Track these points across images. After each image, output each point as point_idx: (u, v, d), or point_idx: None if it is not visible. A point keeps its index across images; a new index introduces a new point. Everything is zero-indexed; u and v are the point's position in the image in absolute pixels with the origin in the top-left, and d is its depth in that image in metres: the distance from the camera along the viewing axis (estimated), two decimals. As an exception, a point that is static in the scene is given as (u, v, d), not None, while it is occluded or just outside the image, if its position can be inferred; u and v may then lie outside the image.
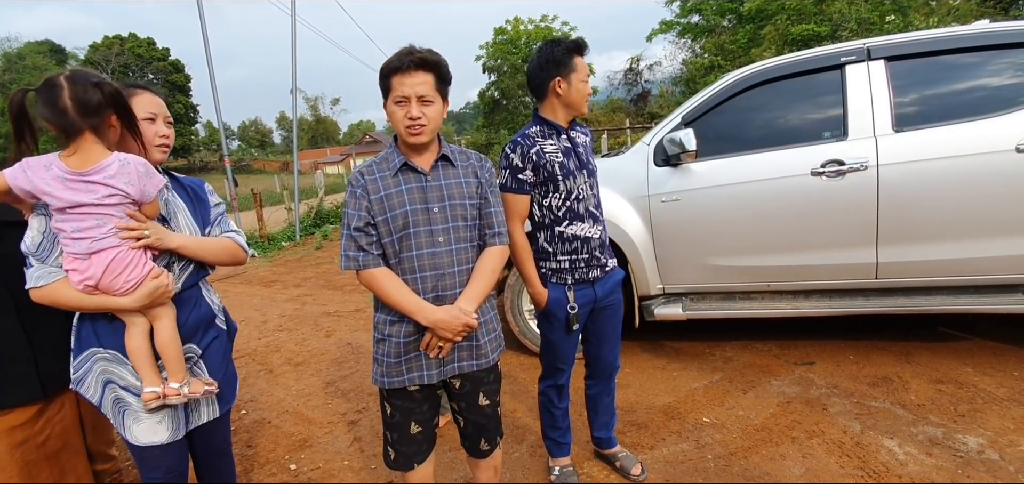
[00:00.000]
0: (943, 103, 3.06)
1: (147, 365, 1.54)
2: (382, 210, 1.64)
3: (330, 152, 61.04)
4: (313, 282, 7.42)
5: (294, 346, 4.68)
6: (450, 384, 1.80)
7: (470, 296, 1.67)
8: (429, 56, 1.62)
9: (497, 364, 1.86)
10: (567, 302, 2.18)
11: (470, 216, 1.71)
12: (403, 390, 1.74)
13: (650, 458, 2.61)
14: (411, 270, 1.65)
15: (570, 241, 2.16)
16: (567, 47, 2.10)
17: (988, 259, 2.95)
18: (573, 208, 2.14)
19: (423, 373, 1.71)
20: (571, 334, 2.23)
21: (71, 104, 1.38)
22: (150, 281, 1.50)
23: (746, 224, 3.24)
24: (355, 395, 3.58)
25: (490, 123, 29.45)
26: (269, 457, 2.90)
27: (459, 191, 1.70)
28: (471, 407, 1.84)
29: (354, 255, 1.65)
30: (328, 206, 13.92)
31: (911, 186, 2.96)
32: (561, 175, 2.10)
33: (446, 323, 1.62)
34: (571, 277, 2.19)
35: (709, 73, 17.19)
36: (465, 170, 1.74)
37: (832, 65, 3.20)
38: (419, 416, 1.79)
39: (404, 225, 1.63)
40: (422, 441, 1.83)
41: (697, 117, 3.39)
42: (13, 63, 37.47)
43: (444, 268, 1.66)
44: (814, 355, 3.53)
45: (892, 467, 2.38)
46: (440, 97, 1.65)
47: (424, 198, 1.66)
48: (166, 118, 1.68)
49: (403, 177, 1.67)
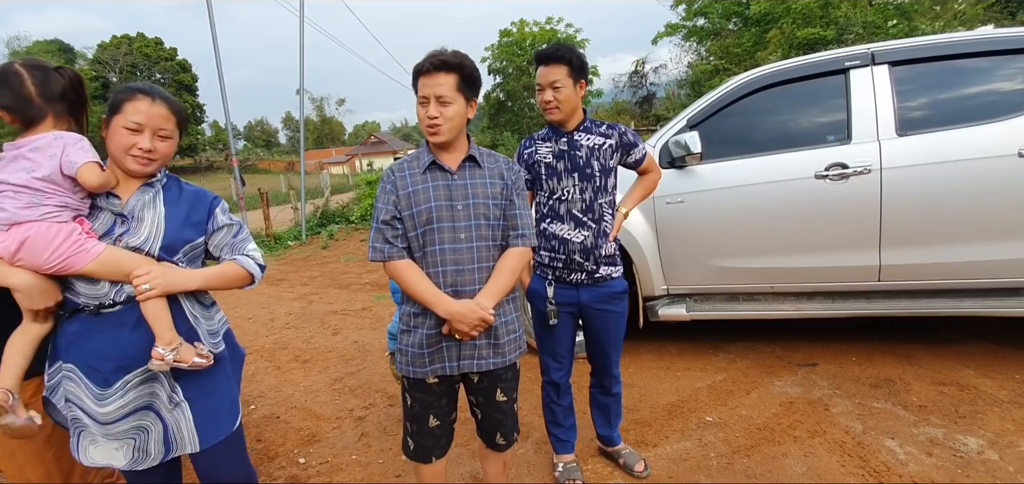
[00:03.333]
0: (947, 108, 3.09)
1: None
2: (409, 205, 1.72)
3: (335, 152, 61.27)
4: (319, 281, 7.47)
5: (301, 343, 4.74)
6: (469, 378, 1.85)
7: (489, 292, 1.72)
8: (450, 58, 1.68)
9: (516, 363, 1.91)
10: (546, 295, 2.26)
11: (493, 216, 1.76)
12: (423, 382, 1.80)
13: (653, 456, 2.64)
14: (433, 264, 1.73)
15: (549, 239, 2.24)
16: (532, 58, 2.20)
17: (990, 263, 2.98)
18: (554, 208, 2.23)
19: (445, 365, 1.77)
20: (549, 328, 2.29)
21: (35, 90, 1.41)
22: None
23: (750, 226, 3.27)
24: (362, 392, 3.62)
25: (495, 125, 29.49)
26: (278, 451, 2.95)
27: (484, 191, 1.75)
28: (489, 402, 1.89)
29: (380, 246, 1.75)
30: (334, 206, 13.98)
31: (914, 190, 2.99)
32: (545, 175, 2.23)
33: (463, 316, 1.68)
34: (551, 273, 2.28)
35: (714, 76, 17.19)
36: (492, 172, 1.79)
37: (837, 69, 3.23)
38: (437, 410, 1.85)
39: (428, 220, 1.71)
40: (440, 436, 1.89)
41: (702, 120, 3.43)
42: (22, 62, 37.71)
43: (464, 264, 1.72)
44: (817, 356, 3.56)
45: (893, 467, 2.41)
46: (462, 98, 1.71)
47: (449, 195, 1.73)
48: (158, 131, 1.51)
49: (431, 175, 1.75)
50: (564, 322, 2.30)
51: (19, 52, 38.54)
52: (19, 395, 1.45)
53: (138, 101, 1.48)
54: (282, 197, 19.18)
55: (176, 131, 1.59)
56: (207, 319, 1.66)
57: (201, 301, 1.66)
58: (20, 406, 1.44)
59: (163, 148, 1.54)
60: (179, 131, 1.61)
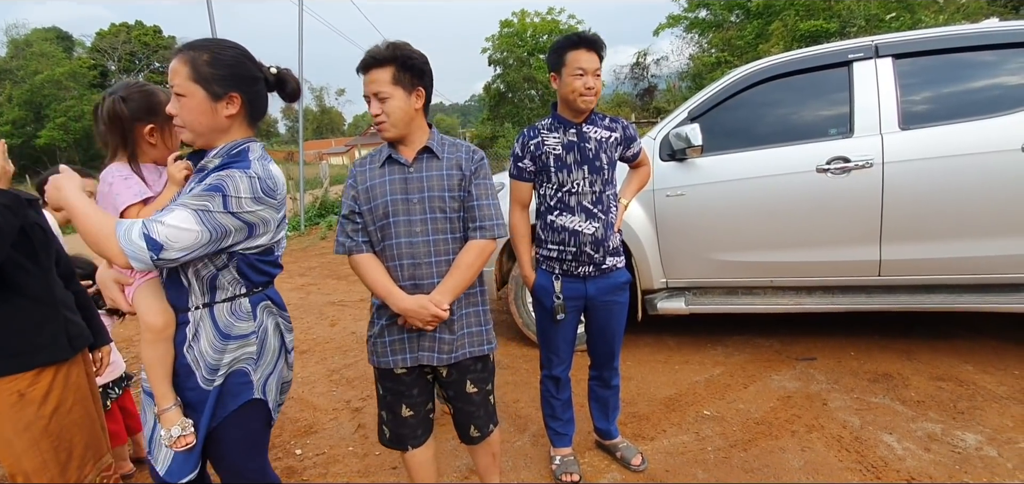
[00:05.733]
0: (950, 101, 3.07)
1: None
2: (367, 199, 1.74)
3: (334, 143, 61.07)
4: (318, 271, 7.46)
5: (299, 334, 4.72)
6: (438, 371, 1.84)
7: (444, 288, 1.71)
8: (381, 52, 1.66)
9: (488, 355, 1.89)
10: (553, 290, 2.22)
11: (450, 209, 1.73)
12: (391, 372, 1.82)
13: (651, 449, 2.63)
14: (391, 257, 1.74)
15: (558, 232, 2.21)
16: (562, 42, 2.13)
17: (992, 258, 2.97)
18: (563, 200, 2.19)
19: (405, 356, 1.78)
20: (556, 323, 2.26)
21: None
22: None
23: (751, 220, 3.25)
24: (359, 383, 3.62)
25: (495, 116, 29.33)
26: (275, 442, 2.95)
27: (439, 184, 1.72)
28: (459, 395, 1.88)
29: (342, 240, 1.78)
30: (333, 197, 13.95)
31: (916, 184, 2.97)
32: (554, 167, 2.18)
33: (414, 312, 1.69)
34: (558, 267, 2.24)
35: (716, 68, 17.14)
36: (450, 163, 1.75)
37: (839, 62, 3.20)
38: (409, 400, 1.85)
39: (384, 214, 1.72)
40: (415, 425, 1.89)
41: (703, 112, 3.40)
42: (21, 49, 37.54)
43: (420, 257, 1.72)
44: (815, 351, 3.55)
45: (891, 462, 2.40)
46: (401, 89, 1.66)
47: (405, 189, 1.72)
48: (175, 91, 1.40)
49: (388, 168, 1.74)
50: (569, 317, 2.28)
51: (17, 41, 38.26)
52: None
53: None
54: (281, 187, 19.10)
55: (190, 86, 1.36)
56: (216, 352, 1.41)
57: (222, 328, 1.42)
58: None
59: (180, 108, 1.38)
60: (202, 87, 1.36)
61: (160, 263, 1.26)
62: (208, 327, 1.41)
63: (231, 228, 1.33)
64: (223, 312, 1.42)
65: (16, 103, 35.27)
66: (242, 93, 1.42)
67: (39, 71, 35.12)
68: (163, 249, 1.24)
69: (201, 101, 1.37)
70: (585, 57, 2.08)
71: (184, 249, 1.27)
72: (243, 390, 1.46)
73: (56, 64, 36.33)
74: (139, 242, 1.23)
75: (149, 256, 1.24)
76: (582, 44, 2.09)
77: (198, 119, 1.38)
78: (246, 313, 1.45)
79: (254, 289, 1.47)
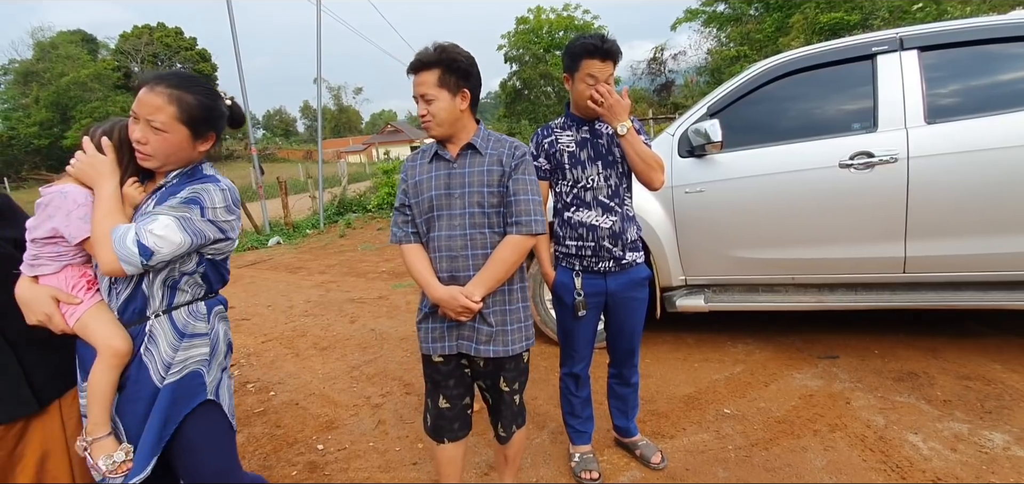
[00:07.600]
0: (977, 95, 3.00)
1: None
2: (415, 193, 1.83)
3: (352, 141, 61.62)
4: (337, 269, 7.55)
5: (319, 331, 4.79)
6: (475, 363, 1.88)
7: (478, 281, 1.75)
8: (429, 55, 1.72)
9: (522, 355, 1.90)
10: (573, 287, 2.23)
11: (488, 204, 1.76)
12: (431, 359, 1.89)
13: (670, 447, 2.63)
14: (433, 250, 1.81)
15: (576, 227, 2.22)
16: (578, 47, 2.12)
17: (1020, 255, 2.89)
18: (580, 195, 2.21)
19: (444, 344, 1.84)
20: (578, 320, 2.27)
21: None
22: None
23: (771, 216, 3.22)
24: (379, 379, 3.66)
25: (511, 113, 29.34)
26: (297, 437, 3.00)
27: (479, 179, 1.77)
28: (492, 388, 1.93)
29: (394, 231, 1.89)
30: (351, 195, 14.09)
31: (943, 179, 2.91)
32: (569, 164, 2.21)
33: (445, 302, 1.75)
34: (578, 264, 2.25)
35: (735, 63, 16.89)
36: (492, 158, 1.79)
37: (863, 55, 3.15)
38: (446, 391, 1.90)
39: (430, 208, 1.80)
40: (452, 418, 1.93)
41: (723, 108, 3.37)
42: (46, 52, 38.47)
43: (457, 251, 1.76)
44: (838, 349, 3.50)
45: (916, 462, 2.36)
46: (447, 91, 1.72)
47: (448, 184, 1.78)
48: (150, 121, 1.39)
49: (434, 164, 1.82)
50: (590, 314, 2.29)
51: (43, 43, 39.21)
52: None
53: (140, 90, 1.41)
54: (300, 186, 19.39)
55: (175, 125, 1.40)
56: (173, 348, 1.45)
57: (180, 327, 1.47)
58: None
59: (156, 141, 1.40)
60: (188, 128, 1.43)
61: (148, 267, 1.36)
62: (167, 329, 1.46)
63: (210, 235, 1.46)
64: (182, 314, 1.49)
65: (43, 105, 36.18)
66: (217, 131, 1.55)
67: (65, 73, 35.98)
68: (153, 255, 1.34)
69: (184, 139, 1.45)
70: (598, 66, 2.09)
71: (170, 254, 1.38)
72: (198, 391, 1.49)
73: (81, 66, 37.18)
74: (132, 248, 1.32)
75: (140, 261, 1.33)
76: (597, 53, 2.09)
77: (175, 153, 1.46)
78: (202, 316, 1.53)
79: (209, 294, 1.57)
